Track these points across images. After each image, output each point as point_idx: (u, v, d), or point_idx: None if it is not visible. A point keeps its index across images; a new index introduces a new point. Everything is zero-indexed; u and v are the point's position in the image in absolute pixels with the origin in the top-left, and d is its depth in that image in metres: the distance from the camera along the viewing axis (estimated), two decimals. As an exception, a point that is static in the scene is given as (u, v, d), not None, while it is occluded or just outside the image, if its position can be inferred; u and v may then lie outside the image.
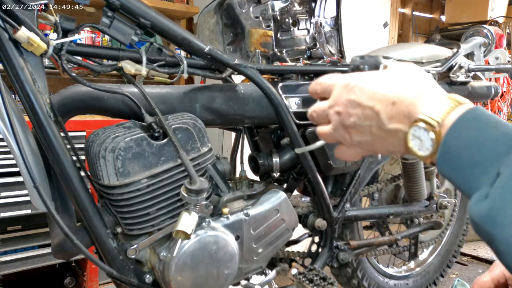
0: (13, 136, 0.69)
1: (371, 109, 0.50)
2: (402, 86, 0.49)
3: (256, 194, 1.03)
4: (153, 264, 0.86)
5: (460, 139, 0.43)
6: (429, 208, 1.43)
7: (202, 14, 1.26)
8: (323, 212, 1.15)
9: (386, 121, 0.49)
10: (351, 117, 0.52)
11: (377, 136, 0.51)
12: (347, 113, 0.52)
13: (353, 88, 0.52)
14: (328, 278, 1.06)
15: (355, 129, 0.52)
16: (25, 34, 0.69)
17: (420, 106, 0.47)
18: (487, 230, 0.39)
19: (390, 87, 0.50)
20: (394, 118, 0.48)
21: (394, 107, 0.48)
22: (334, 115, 0.54)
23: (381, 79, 0.51)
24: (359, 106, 0.51)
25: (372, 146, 0.53)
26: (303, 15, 1.23)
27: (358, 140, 0.53)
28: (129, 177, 0.77)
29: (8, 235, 1.86)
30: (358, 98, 0.51)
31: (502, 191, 0.39)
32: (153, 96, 0.87)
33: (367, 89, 0.51)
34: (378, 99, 0.49)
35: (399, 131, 0.48)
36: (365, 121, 0.51)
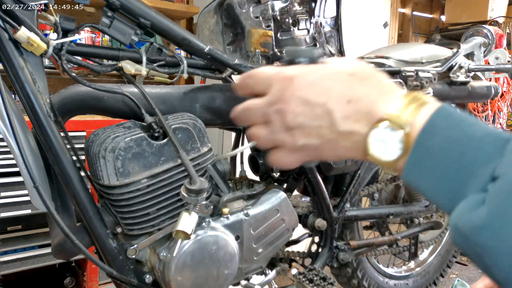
0: (13, 136, 0.69)
1: (321, 107, 0.42)
2: (356, 82, 0.43)
3: (256, 194, 1.03)
4: (153, 264, 0.86)
5: (438, 140, 0.38)
6: (429, 208, 1.43)
7: (202, 14, 1.26)
8: (323, 212, 1.15)
9: (340, 121, 0.42)
10: (297, 116, 0.43)
11: (327, 138, 0.43)
12: (292, 111, 0.43)
13: (298, 82, 0.44)
14: (328, 278, 1.06)
15: (301, 130, 0.44)
16: (25, 34, 0.69)
17: (382, 104, 0.41)
18: (482, 243, 0.33)
19: (342, 82, 0.43)
20: (349, 118, 0.41)
21: (350, 106, 0.41)
22: (275, 114, 0.45)
23: (330, 72, 0.44)
24: (307, 103, 0.43)
25: (318, 151, 0.45)
26: (303, 15, 1.23)
27: (303, 144, 0.44)
28: (129, 177, 0.77)
29: (8, 235, 1.86)
30: (306, 94, 0.43)
31: (505, 196, 0.33)
32: (153, 96, 0.87)
33: (316, 84, 0.43)
34: (330, 96, 0.42)
35: (355, 134, 0.42)
36: (313, 121, 0.43)
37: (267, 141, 0.47)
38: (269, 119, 0.46)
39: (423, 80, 1.21)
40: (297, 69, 0.45)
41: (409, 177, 0.40)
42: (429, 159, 0.38)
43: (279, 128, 0.45)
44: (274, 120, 0.45)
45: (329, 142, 0.43)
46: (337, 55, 1.28)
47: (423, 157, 0.38)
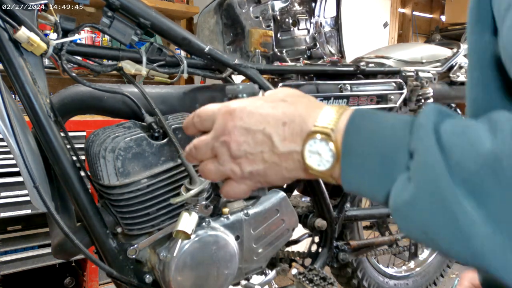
0: (13, 136, 0.69)
1: (261, 133, 0.46)
2: (288, 106, 0.46)
3: (256, 194, 1.03)
4: (153, 264, 0.86)
5: (360, 137, 0.41)
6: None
7: (202, 14, 1.26)
8: (323, 212, 1.15)
9: (278, 143, 0.45)
10: (241, 145, 0.47)
11: (270, 162, 0.46)
12: (235, 141, 0.47)
13: (238, 114, 0.47)
14: (328, 278, 1.06)
15: (246, 158, 0.47)
16: (25, 34, 0.69)
17: (310, 120, 0.44)
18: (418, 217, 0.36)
19: (276, 108, 0.47)
20: (287, 139, 0.45)
21: (286, 127, 0.45)
22: (221, 147, 0.48)
23: (265, 102, 0.48)
24: (248, 132, 0.46)
25: (265, 176, 0.48)
26: (303, 15, 1.23)
27: (249, 171, 0.48)
28: (129, 177, 0.77)
29: (8, 235, 1.86)
30: (246, 124, 0.47)
31: (423, 166, 0.35)
32: (153, 96, 0.87)
33: (254, 113, 0.47)
34: (267, 122, 0.46)
35: (293, 153, 0.45)
36: (256, 147, 0.46)
37: (216, 174, 0.50)
38: (216, 152, 0.49)
39: (423, 80, 1.21)
40: (237, 102, 0.49)
41: (347, 183, 0.42)
42: (356, 158, 0.41)
43: (226, 159, 0.48)
44: (221, 152, 0.48)
45: (273, 165, 0.46)
46: (337, 55, 1.28)
47: (351, 158, 0.41)
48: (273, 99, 0.48)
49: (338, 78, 1.14)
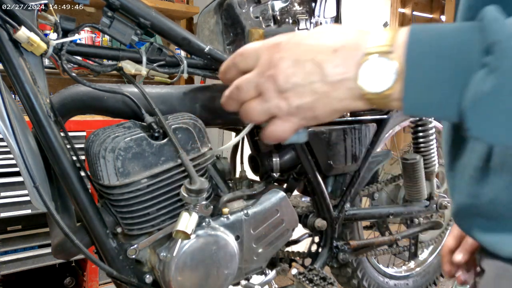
0: (13, 136, 0.69)
1: (311, 62, 0.44)
2: (336, 34, 0.44)
3: (256, 194, 1.03)
4: (153, 264, 0.86)
5: (424, 49, 0.38)
6: (429, 208, 1.43)
7: (202, 14, 1.26)
8: (323, 212, 1.15)
9: (330, 72, 0.43)
10: (289, 77, 0.45)
11: (320, 93, 0.44)
12: (283, 73, 0.45)
13: (285, 45, 0.46)
14: (328, 278, 1.06)
15: (294, 91, 0.45)
16: (25, 34, 0.69)
17: (363, 43, 0.42)
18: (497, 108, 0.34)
19: (325, 37, 0.44)
20: (338, 66, 0.43)
21: (336, 55, 0.43)
22: (267, 82, 0.46)
23: (312, 33, 0.46)
24: (297, 63, 0.44)
25: (313, 110, 0.45)
26: (303, 15, 1.23)
27: (297, 105, 0.45)
28: (129, 177, 0.77)
29: (8, 235, 1.86)
30: (295, 55, 0.45)
31: (510, 52, 0.33)
32: (153, 96, 0.87)
33: (301, 43, 0.45)
34: (317, 51, 0.44)
35: (345, 80, 0.43)
36: (305, 78, 0.44)
37: (261, 113, 0.48)
38: (261, 89, 0.47)
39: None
40: (282, 36, 0.47)
41: (410, 100, 0.40)
42: (422, 71, 0.38)
43: (272, 95, 0.46)
44: (266, 88, 0.46)
45: (323, 96, 0.44)
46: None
47: (417, 71, 0.39)
48: (318, 30, 0.46)
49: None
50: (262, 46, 0.48)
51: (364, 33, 0.43)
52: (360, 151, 1.18)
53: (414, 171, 1.36)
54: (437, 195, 1.46)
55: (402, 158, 1.39)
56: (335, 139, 1.13)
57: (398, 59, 0.39)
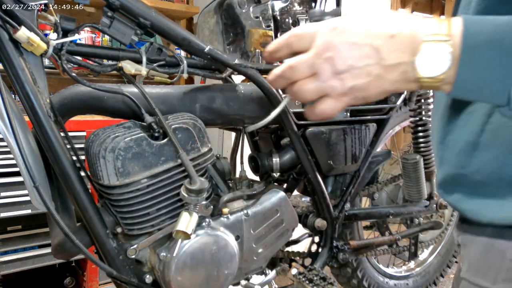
0: (13, 136, 0.69)
1: (369, 47, 0.47)
2: (393, 21, 0.48)
3: (256, 194, 1.03)
4: (153, 264, 0.86)
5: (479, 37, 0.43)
6: (429, 208, 1.43)
7: (202, 14, 1.26)
8: (323, 212, 1.15)
9: (387, 55, 0.47)
10: (347, 59, 0.48)
11: (374, 75, 0.48)
12: (341, 56, 0.48)
13: (344, 30, 0.48)
14: (328, 278, 1.06)
15: (350, 72, 0.48)
16: (25, 34, 0.69)
17: (420, 31, 0.45)
18: None
19: (382, 23, 0.48)
20: (395, 51, 0.46)
21: (394, 40, 0.46)
22: (324, 63, 0.49)
23: (369, 18, 0.49)
24: (356, 46, 0.48)
25: (366, 90, 0.49)
26: (303, 15, 1.23)
27: (351, 86, 0.49)
28: (129, 177, 0.77)
29: (8, 235, 1.86)
30: (353, 38, 0.48)
31: None
32: (153, 96, 0.87)
33: (360, 28, 0.48)
34: (375, 36, 0.47)
35: (401, 64, 0.46)
36: (362, 61, 0.48)
37: (314, 92, 0.51)
38: (317, 69, 0.50)
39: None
40: (339, 19, 0.50)
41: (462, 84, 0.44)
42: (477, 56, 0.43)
43: (329, 75, 0.49)
44: (323, 68, 0.49)
45: (377, 78, 0.48)
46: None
47: (472, 57, 0.43)
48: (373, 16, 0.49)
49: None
50: (319, 29, 0.50)
51: (419, 21, 0.47)
52: (360, 151, 1.18)
53: (414, 171, 1.36)
54: (437, 195, 1.46)
55: (402, 158, 1.39)
56: (335, 139, 1.13)
57: (454, 47, 0.43)
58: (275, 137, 1.15)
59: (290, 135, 1.03)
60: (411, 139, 1.43)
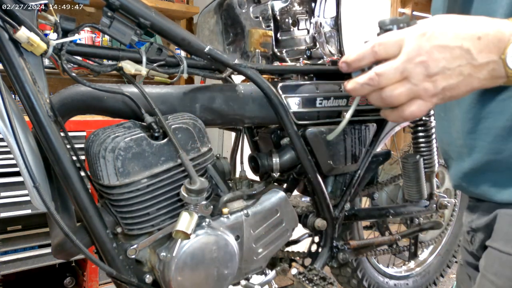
0: (13, 136, 0.69)
1: (459, 48, 0.51)
2: (476, 23, 0.51)
3: (256, 194, 1.03)
4: (153, 264, 0.86)
5: None
6: (429, 208, 1.43)
7: (202, 14, 1.26)
8: (323, 212, 1.15)
9: (477, 55, 0.50)
10: (439, 62, 0.51)
11: (465, 75, 0.52)
12: (433, 59, 0.52)
13: (433, 34, 0.52)
14: (328, 278, 1.06)
15: (443, 74, 0.52)
16: (25, 34, 0.69)
17: (506, 31, 0.50)
18: None
19: (467, 25, 0.51)
20: (483, 51, 0.50)
21: (481, 41, 0.50)
22: (417, 67, 0.52)
23: (453, 21, 0.52)
24: (447, 49, 0.51)
25: (456, 89, 0.53)
26: (303, 15, 1.23)
27: (444, 86, 0.53)
28: (129, 177, 0.77)
29: (8, 235, 1.86)
30: (443, 42, 0.51)
31: None
32: (153, 96, 0.87)
33: (448, 32, 0.52)
34: (463, 38, 0.51)
35: (490, 62, 0.50)
36: (454, 62, 0.51)
37: (407, 95, 0.54)
38: (408, 74, 0.53)
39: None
40: (426, 24, 0.53)
41: None
42: None
43: (421, 78, 0.53)
44: (415, 72, 0.53)
45: (467, 77, 0.52)
46: (337, 55, 1.28)
47: None
48: (458, 18, 0.53)
49: (338, 78, 1.14)
50: (407, 36, 0.53)
51: (500, 22, 0.51)
52: (360, 151, 1.18)
53: (414, 171, 1.36)
54: (437, 195, 1.46)
55: (402, 158, 1.39)
56: (335, 139, 1.13)
57: None
58: (275, 137, 1.15)
59: (290, 135, 1.03)
60: (411, 139, 1.43)
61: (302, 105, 1.05)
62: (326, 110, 1.10)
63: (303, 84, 1.07)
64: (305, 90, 1.06)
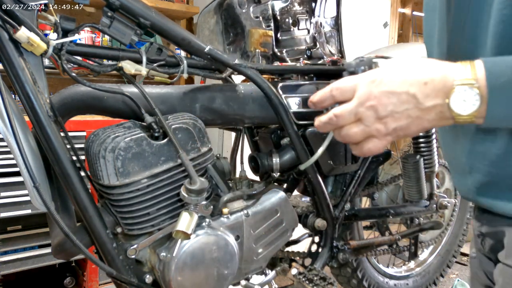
0: (13, 136, 0.69)
1: (406, 94, 0.54)
2: (423, 69, 0.55)
3: (256, 194, 1.03)
4: (153, 264, 0.86)
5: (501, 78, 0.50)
6: (429, 208, 1.43)
7: (202, 14, 1.26)
8: (323, 212, 1.15)
9: (423, 100, 0.53)
10: (387, 106, 0.55)
11: (414, 117, 0.55)
12: (382, 104, 0.55)
13: (382, 81, 0.56)
14: (328, 278, 1.06)
15: (392, 117, 0.55)
16: (25, 34, 0.69)
17: (450, 77, 0.52)
18: None
19: (414, 71, 0.55)
20: (429, 95, 0.53)
21: (427, 86, 0.53)
22: (367, 111, 0.56)
23: (401, 68, 0.56)
24: (394, 94, 0.55)
25: (407, 129, 0.56)
26: (303, 15, 1.23)
27: (394, 127, 0.56)
28: (129, 177, 0.77)
29: (8, 235, 1.86)
30: (391, 88, 0.55)
31: None
32: (153, 96, 0.87)
33: (396, 78, 0.55)
34: (410, 84, 0.54)
35: (437, 106, 0.53)
36: (401, 106, 0.54)
37: (361, 135, 0.58)
38: (360, 116, 0.57)
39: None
40: (376, 71, 0.57)
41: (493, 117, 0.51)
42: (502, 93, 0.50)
43: (372, 121, 0.57)
44: (366, 115, 0.57)
45: (416, 119, 0.55)
46: (337, 55, 1.28)
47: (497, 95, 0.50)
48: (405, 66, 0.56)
49: (338, 78, 1.14)
50: (359, 82, 0.58)
51: (446, 67, 0.54)
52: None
53: (414, 171, 1.36)
54: (437, 195, 1.46)
55: (402, 158, 1.39)
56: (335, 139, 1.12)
57: (481, 89, 0.51)
58: (275, 137, 1.15)
59: (290, 135, 1.03)
60: (411, 139, 1.43)
61: (302, 105, 1.05)
62: (326, 110, 1.10)
63: (303, 84, 1.07)
64: (305, 90, 1.06)
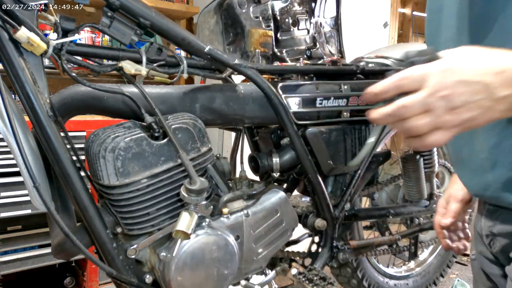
0: (13, 136, 0.69)
1: (480, 84, 0.54)
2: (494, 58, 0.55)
3: (256, 194, 1.03)
4: (153, 264, 0.86)
5: None
6: (429, 208, 1.43)
7: (202, 14, 1.26)
8: (323, 212, 1.15)
9: (496, 90, 0.53)
10: (461, 96, 0.54)
11: (486, 107, 0.54)
12: (456, 93, 0.55)
13: (454, 70, 0.55)
14: (328, 278, 1.06)
15: (464, 107, 0.55)
16: (25, 34, 0.69)
17: None
18: None
19: (487, 60, 0.55)
20: (503, 85, 0.53)
21: (501, 76, 0.53)
22: (439, 101, 0.55)
23: (473, 57, 0.56)
24: (468, 84, 0.54)
25: (476, 120, 0.56)
26: (303, 15, 1.23)
27: (465, 118, 0.55)
28: (129, 177, 0.77)
29: (8, 235, 1.86)
30: (465, 77, 0.54)
31: None
32: (153, 96, 0.87)
33: (469, 68, 0.55)
34: (484, 73, 0.54)
35: (509, 96, 0.53)
36: (475, 96, 0.54)
37: (429, 127, 0.57)
38: (431, 107, 0.56)
39: (423, 80, 1.21)
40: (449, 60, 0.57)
41: None
42: None
43: (443, 112, 0.56)
44: (438, 106, 0.56)
45: (487, 110, 0.55)
46: (337, 55, 1.28)
47: None
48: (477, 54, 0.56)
49: (338, 78, 1.14)
50: (430, 71, 0.57)
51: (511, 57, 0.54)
52: (360, 151, 1.18)
53: (414, 171, 1.36)
54: (437, 195, 1.46)
55: (402, 158, 1.39)
56: (335, 139, 1.13)
57: None
58: (275, 137, 1.15)
59: (290, 135, 1.03)
60: (411, 139, 1.42)
61: (302, 105, 1.05)
62: (326, 110, 1.10)
63: (303, 84, 1.07)
64: (305, 90, 1.06)
